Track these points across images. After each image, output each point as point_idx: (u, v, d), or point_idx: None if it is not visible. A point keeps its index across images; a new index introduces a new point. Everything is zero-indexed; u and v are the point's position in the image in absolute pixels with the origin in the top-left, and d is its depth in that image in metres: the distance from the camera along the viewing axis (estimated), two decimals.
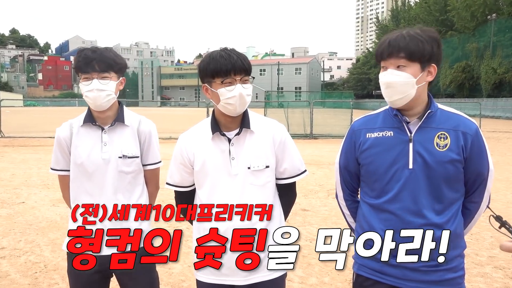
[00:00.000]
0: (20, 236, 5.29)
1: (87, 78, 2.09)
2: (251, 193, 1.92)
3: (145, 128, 2.27)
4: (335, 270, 4.22)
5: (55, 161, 2.26)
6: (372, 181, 1.87)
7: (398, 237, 1.70)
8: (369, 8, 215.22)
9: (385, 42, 1.77)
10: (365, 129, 1.90)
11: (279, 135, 1.97)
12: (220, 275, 1.95)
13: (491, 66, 44.54)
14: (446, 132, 1.76)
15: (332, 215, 6.26)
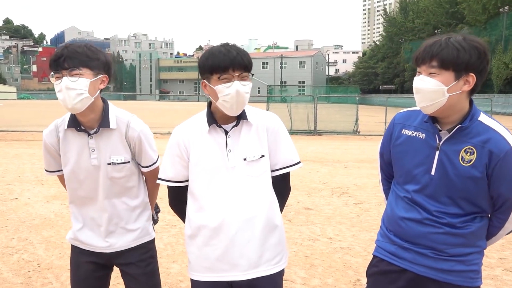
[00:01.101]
0: (12, 234, 5.18)
1: (58, 77, 1.92)
2: (248, 185, 1.91)
3: (133, 134, 2.12)
4: (339, 271, 4.16)
5: (48, 164, 2.21)
6: (398, 175, 1.99)
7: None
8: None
9: (421, 48, 1.79)
10: (403, 124, 1.97)
11: (271, 124, 1.97)
12: (218, 271, 1.93)
13: (503, 61, 44.17)
14: (474, 147, 1.76)
15: (336, 214, 6.15)
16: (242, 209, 1.90)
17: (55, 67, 1.93)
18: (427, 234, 1.84)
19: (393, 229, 1.96)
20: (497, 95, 41.83)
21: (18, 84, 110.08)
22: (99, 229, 2.16)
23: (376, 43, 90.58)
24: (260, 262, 1.91)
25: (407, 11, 73.94)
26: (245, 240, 1.90)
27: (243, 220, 1.90)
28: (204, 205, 1.93)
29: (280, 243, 2.00)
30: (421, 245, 1.86)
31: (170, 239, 5.05)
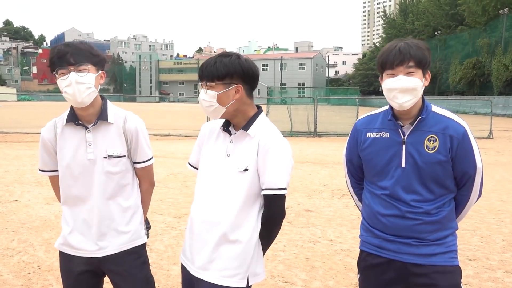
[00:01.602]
0: (13, 235, 5.17)
1: (64, 73, 1.99)
2: (226, 192, 1.96)
3: (131, 126, 2.18)
4: (340, 274, 4.14)
5: (43, 163, 2.22)
6: (372, 175, 2.14)
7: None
8: (376, 1, 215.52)
9: (392, 52, 1.95)
10: (366, 129, 2.15)
11: (264, 141, 1.94)
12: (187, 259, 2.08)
13: (502, 63, 44.06)
14: (435, 135, 1.98)
15: (337, 216, 6.14)
16: (211, 212, 1.98)
17: (60, 63, 1.98)
18: (408, 226, 2.01)
19: (374, 225, 2.12)
20: (497, 97, 41.77)
21: (18, 85, 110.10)
22: (90, 231, 2.14)
23: (376, 45, 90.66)
24: (209, 266, 1.96)
25: (407, 13, 73.95)
26: (203, 240, 1.99)
27: (208, 222, 1.98)
28: (195, 196, 2.09)
29: (238, 260, 1.94)
30: (403, 236, 2.03)
31: (170, 241, 5.04)
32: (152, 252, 4.65)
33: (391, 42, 2.03)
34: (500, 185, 8.34)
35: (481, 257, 4.57)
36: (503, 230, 5.53)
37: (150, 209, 2.68)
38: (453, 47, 55.68)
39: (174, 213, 6.19)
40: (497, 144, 15.55)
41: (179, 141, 15.80)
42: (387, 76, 1.97)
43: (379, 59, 2.01)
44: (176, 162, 10.94)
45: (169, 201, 6.87)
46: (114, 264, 2.18)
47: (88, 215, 2.14)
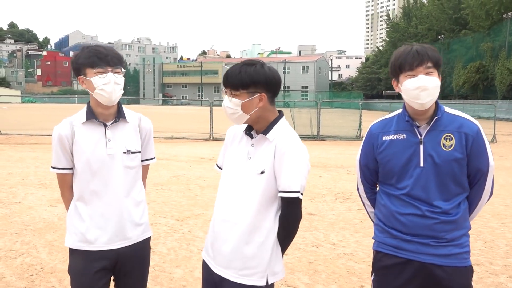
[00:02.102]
0: (16, 237, 5.18)
1: (102, 72, 2.14)
2: (245, 194, 2.03)
3: (146, 125, 2.39)
4: (343, 277, 4.13)
5: (57, 160, 2.25)
6: (389, 177, 2.18)
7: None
8: (380, 5, 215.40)
9: (409, 54, 2.03)
10: (381, 132, 2.21)
11: (280, 145, 2.00)
12: (208, 256, 2.16)
13: (506, 67, 43.84)
14: (451, 133, 2.06)
15: (340, 220, 6.13)
16: (231, 212, 2.06)
17: (100, 63, 2.14)
18: (428, 225, 2.06)
19: (392, 225, 2.15)
20: (501, 101, 41.61)
21: (22, 87, 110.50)
22: (108, 225, 2.23)
23: (379, 49, 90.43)
24: (229, 265, 2.04)
25: (410, 17, 73.87)
26: (224, 239, 2.06)
27: (228, 222, 2.06)
28: (217, 196, 2.18)
29: (256, 259, 2.00)
30: (422, 236, 2.07)
31: (173, 243, 5.04)
32: (155, 255, 4.65)
33: (403, 47, 2.10)
34: (504, 190, 8.30)
35: (484, 262, 4.55)
36: (506, 235, 5.51)
37: (153, 212, 2.71)
38: (457, 51, 55.56)
39: (177, 215, 6.19)
40: (501, 149, 15.50)
41: (182, 144, 15.82)
42: (406, 77, 2.04)
43: (396, 62, 2.08)
44: (179, 165, 10.95)
45: (172, 204, 6.87)
46: (130, 255, 2.30)
47: (106, 209, 2.23)
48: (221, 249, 2.06)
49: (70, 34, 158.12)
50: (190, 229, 5.60)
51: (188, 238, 5.22)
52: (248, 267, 2.00)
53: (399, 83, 2.10)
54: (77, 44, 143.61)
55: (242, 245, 2.01)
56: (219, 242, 2.08)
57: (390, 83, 2.20)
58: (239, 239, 2.02)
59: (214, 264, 2.10)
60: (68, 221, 2.31)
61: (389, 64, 2.16)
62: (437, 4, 61.86)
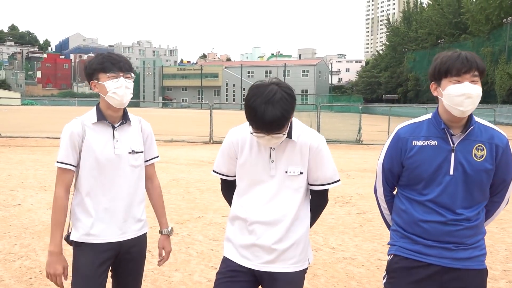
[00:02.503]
0: (15, 240, 5.17)
1: (115, 77, 2.31)
2: (284, 194, 2.14)
3: (146, 127, 2.57)
4: (342, 282, 4.12)
5: (65, 155, 2.33)
6: (416, 183, 2.16)
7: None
8: (380, 9, 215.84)
9: (458, 59, 2.03)
10: (411, 137, 2.17)
11: (315, 144, 2.15)
12: (243, 257, 2.18)
13: (506, 71, 44.04)
14: (483, 144, 2.09)
15: (339, 224, 6.13)
16: (272, 213, 2.13)
17: (113, 68, 2.31)
18: (450, 232, 2.08)
19: (414, 231, 2.15)
20: (500, 106, 41.67)
21: (22, 90, 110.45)
22: (113, 219, 2.37)
23: (379, 53, 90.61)
24: (277, 260, 2.14)
25: (411, 21, 74.09)
26: (269, 240, 2.13)
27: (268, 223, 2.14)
28: (243, 203, 2.19)
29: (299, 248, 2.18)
30: (445, 241, 2.09)
31: (172, 247, 5.00)
32: (154, 258, 4.64)
33: (449, 52, 2.11)
34: None
35: None
36: (506, 240, 5.50)
37: (152, 215, 2.74)
38: None
39: (176, 219, 6.18)
40: None
41: (182, 147, 15.83)
42: (450, 83, 2.04)
43: (442, 66, 2.06)
44: (179, 168, 10.95)
45: (171, 207, 6.87)
46: (130, 247, 2.44)
47: (111, 204, 2.37)
48: (268, 248, 2.13)
49: (70, 37, 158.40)
50: (189, 232, 5.59)
51: (187, 242, 5.22)
52: (295, 256, 2.16)
53: (440, 87, 2.08)
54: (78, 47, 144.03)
55: (288, 240, 2.14)
56: (262, 243, 2.13)
57: (390, 87, 2.22)
58: (285, 236, 2.13)
59: (259, 263, 2.15)
60: (73, 217, 2.38)
61: (432, 67, 2.13)
62: (437, 8, 62.12)
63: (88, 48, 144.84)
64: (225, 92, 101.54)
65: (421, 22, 68.55)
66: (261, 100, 1.92)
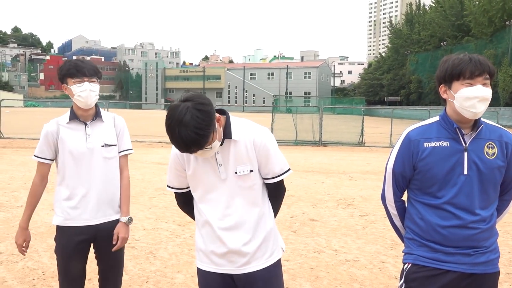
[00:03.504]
0: None
1: (79, 82, 2.62)
2: (240, 195, 2.14)
3: (119, 122, 2.85)
4: (345, 284, 4.11)
5: (40, 151, 2.74)
6: (429, 185, 2.14)
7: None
8: (382, 11, 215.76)
9: (471, 62, 2.04)
10: (423, 139, 2.16)
11: (259, 139, 2.13)
12: (217, 265, 2.17)
13: (509, 74, 43.91)
14: (493, 142, 2.12)
15: (342, 226, 6.12)
16: (234, 216, 2.13)
17: (78, 74, 2.62)
18: (469, 236, 2.08)
19: (432, 238, 2.13)
20: (504, 108, 41.60)
21: (25, 91, 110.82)
22: (89, 205, 2.68)
23: (381, 55, 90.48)
24: (252, 260, 2.15)
25: (413, 23, 73.95)
26: (238, 243, 2.13)
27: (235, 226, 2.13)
28: (204, 210, 2.17)
29: (270, 240, 2.22)
30: (464, 247, 2.09)
31: (175, 249, 5.03)
32: (156, 260, 4.65)
33: (457, 55, 2.12)
34: None
35: None
36: (509, 243, 5.48)
37: (154, 216, 2.77)
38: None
39: (178, 221, 6.18)
40: None
41: None
42: (463, 86, 2.05)
43: (454, 69, 2.06)
44: None
45: (173, 209, 6.86)
46: (106, 230, 2.73)
47: (86, 192, 2.68)
48: (240, 252, 2.13)
49: (73, 39, 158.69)
50: (191, 234, 5.59)
51: (190, 243, 5.21)
52: (267, 250, 2.19)
53: (451, 89, 2.09)
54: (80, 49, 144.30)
55: (258, 239, 2.15)
56: (234, 248, 2.13)
57: (393, 89, 2.22)
58: (254, 236, 2.15)
59: (235, 267, 2.15)
60: (55, 204, 2.76)
61: (442, 70, 2.13)
62: (439, 10, 62.00)
63: (91, 50, 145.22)
64: (227, 94, 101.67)
65: (423, 24, 68.42)
66: (175, 122, 1.88)
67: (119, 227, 2.78)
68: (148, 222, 6.04)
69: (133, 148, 2.95)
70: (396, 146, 2.24)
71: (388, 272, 4.44)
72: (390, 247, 5.19)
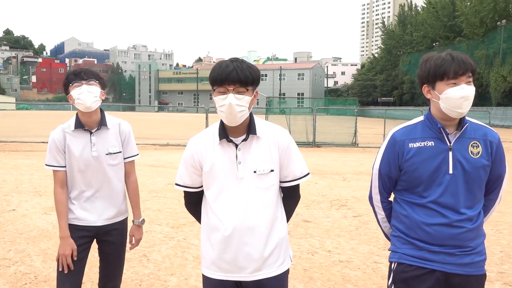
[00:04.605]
0: (10, 245, 5.14)
1: (78, 85, 2.66)
2: (256, 195, 2.07)
3: (125, 128, 2.88)
4: (338, 285, 4.12)
5: (51, 158, 2.75)
6: (415, 185, 2.15)
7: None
8: (375, 12, 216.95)
9: (453, 62, 2.03)
10: (407, 139, 2.16)
11: (283, 140, 2.12)
12: (226, 271, 2.10)
13: (500, 74, 44.39)
14: (478, 141, 2.12)
15: (335, 227, 6.13)
16: (249, 218, 2.06)
17: (75, 78, 2.67)
18: (455, 235, 2.07)
19: (417, 236, 2.13)
20: (495, 108, 41.97)
21: (17, 94, 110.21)
22: (93, 207, 2.77)
23: (374, 56, 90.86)
24: (263, 266, 2.09)
25: (405, 24, 74.41)
26: (251, 247, 2.07)
27: (249, 228, 2.07)
28: (216, 211, 2.10)
29: (282, 248, 2.17)
30: (449, 246, 2.08)
31: (168, 251, 5.02)
32: (150, 263, 4.63)
33: (439, 54, 2.09)
34: None
35: None
36: (501, 242, 5.52)
37: (148, 219, 2.78)
38: None
39: (172, 223, 6.16)
40: None
41: (177, 151, 15.78)
42: (447, 86, 2.03)
43: (438, 69, 2.04)
44: (175, 172, 10.84)
45: (167, 211, 6.85)
46: (109, 230, 2.83)
47: (92, 196, 2.77)
48: (252, 256, 2.07)
49: (65, 41, 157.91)
50: (185, 236, 5.58)
51: (183, 246, 5.20)
52: (279, 257, 2.14)
53: (435, 90, 2.07)
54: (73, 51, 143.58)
55: (271, 242, 2.11)
56: (245, 252, 2.07)
57: (386, 90, 2.22)
58: (268, 239, 2.10)
59: (245, 274, 2.08)
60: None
61: (424, 70, 2.11)
62: (432, 11, 62.42)
63: (84, 52, 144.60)
64: None
65: (416, 25, 68.87)
66: (228, 60, 2.03)
67: (134, 230, 2.95)
68: None
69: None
70: (382, 147, 2.25)
71: (382, 272, 4.46)
72: (383, 247, 5.20)
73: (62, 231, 2.74)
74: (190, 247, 5.16)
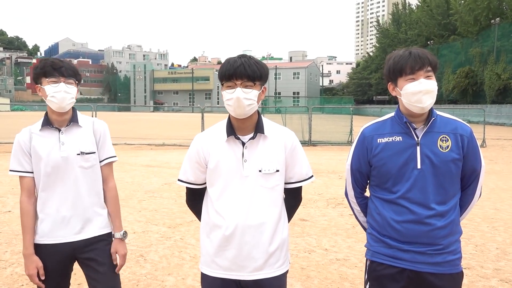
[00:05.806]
0: (5, 247, 5.12)
1: (55, 82, 2.35)
2: (260, 194, 2.07)
3: (99, 127, 2.53)
4: (335, 283, 4.13)
5: (16, 163, 2.42)
6: (385, 181, 2.15)
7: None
8: (369, 11, 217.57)
9: (410, 58, 2.06)
10: (376, 135, 2.18)
11: (290, 141, 2.14)
12: (226, 270, 2.09)
13: (495, 72, 44.68)
14: (447, 135, 2.10)
15: (332, 226, 6.14)
16: (252, 216, 2.06)
17: (54, 73, 2.34)
18: (424, 232, 2.06)
19: (388, 233, 2.14)
20: (490, 106, 42.17)
21: (11, 95, 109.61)
22: (64, 220, 2.39)
23: (369, 54, 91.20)
24: (264, 266, 2.08)
25: (400, 23, 74.65)
26: (253, 246, 2.07)
27: (252, 227, 2.06)
28: (219, 209, 2.09)
29: (283, 250, 2.16)
30: (419, 244, 2.08)
31: (165, 251, 5.01)
32: (147, 263, 4.63)
33: (400, 50, 2.13)
34: (494, 194, 8.38)
35: (475, 266, 4.58)
36: (497, 239, 5.55)
37: (144, 219, 2.73)
38: (446, 56, 56.21)
39: (168, 223, 6.16)
40: (490, 153, 15.63)
41: (173, 151, 15.77)
42: (406, 82, 2.06)
43: (396, 66, 2.08)
44: (171, 172, 10.91)
45: (163, 211, 6.84)
46: (87, 248, 2.43)
47: (61, 206, 2.39)
48: (254, 255, 2.07)
49: (60, 42, 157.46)
50: (182, 236, 5.57)
51: (180, 246, 5.20)
52: (280, 258, 2.14)
53: (397, 86, 2.10)
54: (67, 52, 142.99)
55: (274, 242, 2.10)
56: (247, 251, 2.06)
57: (381, 88, 2.25)
58: (270, 239, 2.09)
59: (245, 273, 2.07)
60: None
61: (386, 68, 2.15)
62: (426, 10, 62.64)
63: (78, 52, 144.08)
64: (216, 95, 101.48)
65: (410, 24, 69.09)
66: (237, 56, 2.06)
67: (116, 245, 2.49)
68: (138, 225, 6.00)
69: (122, 150, 2.85)
70: (353, 144, 2.29)
71: None
72: (364, 247, 5.22)
73: (25, 247, 2.36)
74: (187, 247, 5.16)
